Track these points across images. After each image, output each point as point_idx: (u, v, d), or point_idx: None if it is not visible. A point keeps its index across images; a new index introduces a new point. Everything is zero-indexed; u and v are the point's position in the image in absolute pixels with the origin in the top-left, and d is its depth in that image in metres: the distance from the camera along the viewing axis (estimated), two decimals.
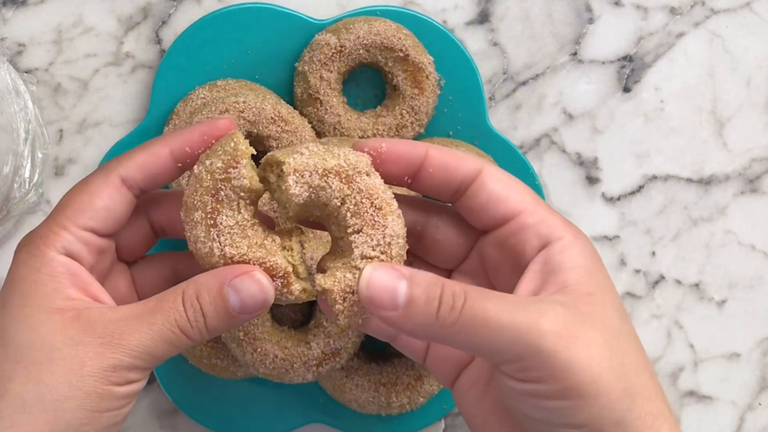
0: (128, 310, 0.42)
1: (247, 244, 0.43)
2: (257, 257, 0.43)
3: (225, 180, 0.42)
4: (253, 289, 0.42)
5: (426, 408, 0.63)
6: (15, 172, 0.60)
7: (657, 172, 0.66)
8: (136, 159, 0.45)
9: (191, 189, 0.43)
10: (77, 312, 0.42)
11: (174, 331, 0.42)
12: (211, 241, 0.43)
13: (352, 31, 0.59)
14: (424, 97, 0.60)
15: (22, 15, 0.63)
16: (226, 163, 0.42)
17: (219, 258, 0.43)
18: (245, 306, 0.42)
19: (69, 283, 0.43)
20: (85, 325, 0.41)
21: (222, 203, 0.43)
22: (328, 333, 0.58)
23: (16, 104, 0.60)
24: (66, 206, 0.44)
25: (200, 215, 0.43)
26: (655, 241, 0.66)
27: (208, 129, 0.45)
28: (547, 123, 0.65)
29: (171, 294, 0.42)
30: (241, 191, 0.43)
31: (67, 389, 0.40)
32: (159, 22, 0.64)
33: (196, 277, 0.43)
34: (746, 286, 0.67)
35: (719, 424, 0.67)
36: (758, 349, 0.67)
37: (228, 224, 0.43)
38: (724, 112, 0.66)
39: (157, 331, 0.41)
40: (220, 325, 0.42)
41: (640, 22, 0.66)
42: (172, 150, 0.45)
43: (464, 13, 0.65)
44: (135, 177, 0.45)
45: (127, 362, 0.41)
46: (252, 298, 0.42)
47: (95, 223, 0.44)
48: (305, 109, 0.60)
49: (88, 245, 0.44)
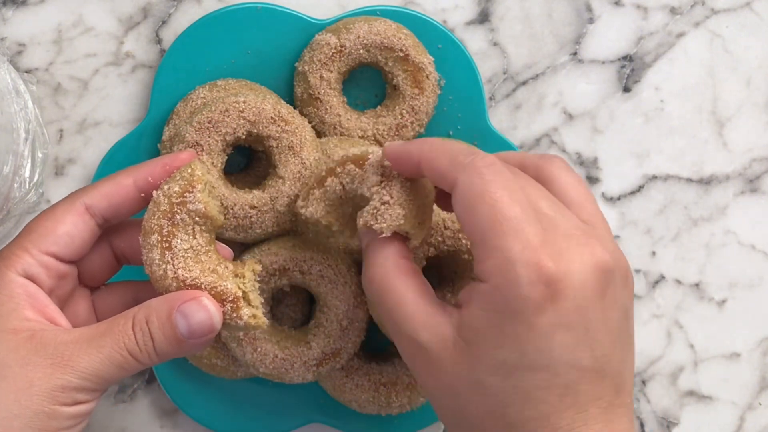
0: (80, 333, 0.43)
1: (200, 268, 0.44)
2: (209, 281, 0.44)
3: (181, 204, 0.44)
4: (201, 315, 0.43)
5: (426, 408, 0.63)
6: (15, 172, 0.60)
7: (657, 172, 0.66)
8: (101, 188, 0.47)
9: (149, 213, 0.45)
10: (31, 333, 0.43)
11: (123, 354, 0.42)
12: (165, 263, 0.44)
13: (352, 31, 0.59)
14: (424, 97, 0.60)
15: (22, 15, 0.63)
16: (182, 188, 0.44)
17: (172, 280, 0.44)
18: (193, 331, 0.43)
19: (26, 305, 0.44)
20: (37, 346, 0.42)
21: (177, 227, 0.44)
22: (328, 333, 0.58)
23: (16, 104, 0.60)
24: (30, 231, 0.46)
25: (156, 238, 0.44)
26: (655, 241, 0.66)
27: (170, 161, 0.47)
28: (547, 123, 0.65)
29: (122, 318, 0.43)
30: (196, 216, 0.44)
31: (16, 407, 0.41)
32: (159, 22, 0.64)
33: (147, 302, 0.44)
34: (746, 286, 0.67)
35: (719, 424, 0.67)
36: (758, 349, 0.67)
37: (182, 248, 0.44)
38: (724, 112, 0.66)
39: (107, 354, 0.42)
40: (169, 349, 0.43)
41: (640, 22, 0.66)
42: (136, 180, 0.47)
43: (464, 13, 0.65)
44: (99, 205, 0.46)
45: (75, 383, 0.42)
46: (200, 324, 0.43)
47: (57, 248, 0.45)
48: (305, 109, 0.60)
49: (48, 269, 0.45)
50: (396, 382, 0.60)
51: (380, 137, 0.61)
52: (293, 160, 0.56)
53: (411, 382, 0.60)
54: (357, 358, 0.61)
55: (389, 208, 0.45)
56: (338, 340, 0.58)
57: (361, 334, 0.58)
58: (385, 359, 0.62)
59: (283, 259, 0.57)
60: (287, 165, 0.56)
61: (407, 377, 0.60)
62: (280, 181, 0.56)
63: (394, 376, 0.60)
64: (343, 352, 0.58)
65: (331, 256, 0.57)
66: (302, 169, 0.56)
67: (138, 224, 0.48)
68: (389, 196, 0.45)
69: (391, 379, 0.60)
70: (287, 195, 0.56)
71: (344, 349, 0.58)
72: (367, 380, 0.60)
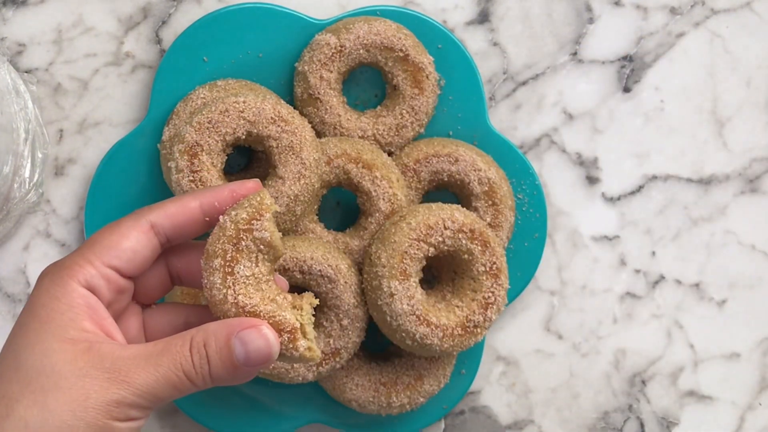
0: (137, 350, 0.43)
1: (260, 296, 0.44)
2: (268, 310, 0.44)
3: (247, 231, 0.44)
4: (260, 343, 0.43)
5: (426, 408, 0.63)
6: (15, 172, 0.60)
7: (657, 172, 0.66)
8: (167, 208, 0.47)
9: (214, 237, 0.45)
10: (89, 344, 0.43)
11: (178, 375, 0.43)
12: (226, 288, 0.44)
13: (352, 31, 0.59)
14: (424, 97, 0.60)
15: (22, 15, 0.63)
16: (250, 215, 0.44)
17: (231, 305, 0.44)
18: (250, 358, 0.43)
19: (85, 316, 0.44)
20: (94, 359, 0.42)
21: (242, 253, 0.44)
22: (328, 333, 0.58)
23: (16, 104, 0.60)
24: (94, 242, 0.46)
25: (219, 262, 0.44)
26: (655, 241, 0.66)
27: (237, 188, 0.47)
28: (547, 123, 0.65)
29: (179, 338, 0.44)
30: (261, 244, 0.44)
31: (70, 418, 0.41)
32: (159, 22, 0.64)
33: (206, 325, 0.44)
34: (746, 286, 0.67)
35: (719, 424, 0.67)
36: (758, 349, 0.67)
37: (244, 274, 0.44)
38: (724, 112, 0.66)
39: (163, 373, 0.42)
40: (224, 374, 0.43)
41: (640, 22, 0.66)
42: (202, 203, 0.46)
43: (464, 13, 0.65)
44: (164, 224, 0.46)
45: (130, 400, 0.42)
46: (257, 352, 0.43)
47: (119, 263, 0.45)
48: (305, 109, 0.60)
49: (109, 282, 0.45)
50: (396, 382, 0.60)
51: (380, 137, 0.61)
52: (293, 160, 0.56)
53: (411, 382, 0.60)
54: (357, 358, 0.61)
55: None
56: (338, 340, 0.58)
57: (361, 334, 0.58)
58: (385, 359, 0.62)
59: (283, 259, 0.57)
60: (287, 165, 0.56)
61: (407, 377, 0.60)
62: (280, 181, 0.56)
63: (394, 376, 0.60)
64: (343, 352, 0.58)
65: (331, 256, 0.57)
66: (302, 169, 0.56)
67: (197, 247, 0.48)
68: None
69: (391, 379, 0.60)
70: (287, 195, 0.56)
71: (344, 349, 0.58)
72: (367, 380, 0.60)
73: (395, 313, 0.56)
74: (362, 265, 0.59)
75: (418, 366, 0.60)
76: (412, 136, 0.61)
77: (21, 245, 0.64)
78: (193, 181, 0.55)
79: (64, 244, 0.64)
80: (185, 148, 0.56)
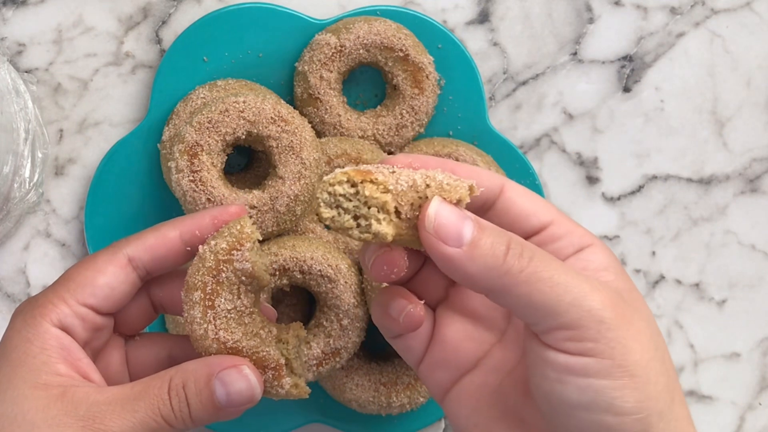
0: (113, 393, 0.41)
1: (243, 331, 0.42)
2: (251, 346, 0.42)
3: (227, 262, 0.42)
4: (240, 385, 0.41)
5: (426, 408, 0.63)
6: (15, 172, 0.60)
7: (657, 172, 0.66)
8: (145, 240, 0.45)
9: (194, 268, 0.43)
10: (63, 389, 0.41)
11: (157, 420, 0.41)
12: (206, 323, 0.42)
13: (352, 31, 0.59)
14: (424, 97, 0.60)
15: (22, 15, 0.63)
16: (230, 245, 0.42)
17: (212, 341, 0.42)
18: (231, 400, 0.41)
19: (59, 358, 0.42)
20: (68, 405, 0.41)
21: (222, 285, 0.42)
22: (328, 333, 0.58)
23: (16, 104, 0.60)
24: (68, 279, 0.44)
25: (199, 296, 0.42)
26: (655, 241, 0.66)
27: (219, 214, 0.45)
28: (547, 123, 0.65)
29: (158, 380, 0.42)
30: (243, 275, 0.42)
31: None
32: (159, 22, 0.64)
33: (184, 365, 0.42)
34: (746, 286, 0.67)
35: (719, 424, 0.67)
36: (758, 349, 0.67)
37: (225, 308, 0.42)
38: (724, 112, 0.66)
39: (140, 419, 0.41)
40: (205, 416, 0.42)
41: (640, 22, 0.66)
42: (182, 233, 0.45)
43: (464, 13, 0.65)
44: (142, 258, 0.45)
45: None
46: (239, 394, 0.41)
47: (95, 300, 0.44)
48: (305, 109, 0.60)
49: (84, 321, 0.43)
50: (396, 382, 0.60)
51: (380, 137, 0.61)
52: (293, 160, 0.56)
53: (411, 382, 0.60)
54: (357, 358, 0.61)
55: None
56: (338, 340, 0.58)
57: (361, 334, 0.58)
58: (385, 359, 0.62)
59: (283, 259, 0.57)
60: (287, 165, 0.56)
61: (407, 377, 0.60)
62: (280, 181, 0.56)
63: (394, 376, 0.60)
64: (343, 352, 0.58)
65: (331, 256, 0.57)
66: (302, 169, 0.56)
67: (179, 275, 0.46)
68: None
69: (391, 379, 0.60)
70: (287, 195, 0.56)
71: (344, 349, 0.58)
72: (367, 380, 0.60)
73: None
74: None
75: None
76: (412, 136, 0.61)
77: (21, 245, 0.64)
78: (193, 181, 0.55)
79: (64, 244, 0.64)
80: (185, 148, 0.56)
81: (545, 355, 0.40)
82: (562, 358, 0.39)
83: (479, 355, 0.46)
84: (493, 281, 0.39)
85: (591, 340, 0.39)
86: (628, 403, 0.39)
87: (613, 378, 0.39)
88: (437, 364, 0.46)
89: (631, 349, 0.39)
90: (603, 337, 0.38)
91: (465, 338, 0.46)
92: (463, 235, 0.39)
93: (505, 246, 0.39)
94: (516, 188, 0.44)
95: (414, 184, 0.40)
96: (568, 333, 0.39)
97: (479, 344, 0.46)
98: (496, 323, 0.46)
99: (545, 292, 0.39)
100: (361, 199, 0.40)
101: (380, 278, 0.43)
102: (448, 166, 0.43)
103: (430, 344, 0.47)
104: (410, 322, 0.46)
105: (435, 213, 0.39)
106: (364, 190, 0.40)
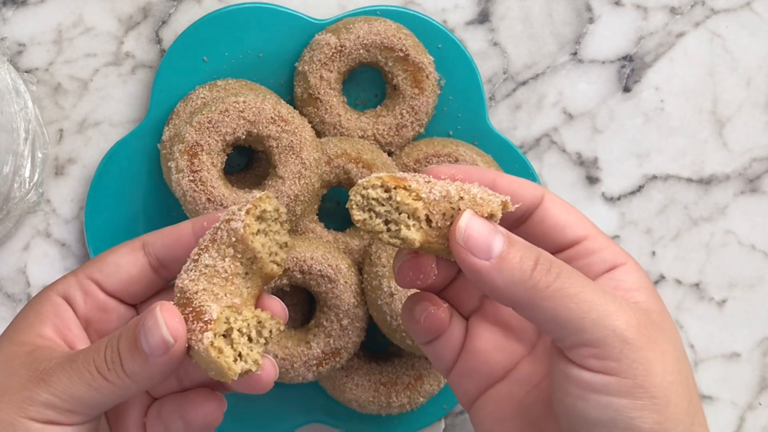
0: (70, 352, 0.42)
1: (204, 286, 0.42)
2: (201, 300, 0.41)
3: (227, 221, 0.42)
4: (151, 323, 0.40)
5: (426, 408, 0.63)
6: (15, 172, 0.60)
7: (657, 172, 0.66)
8: (162, 230, 0.46)
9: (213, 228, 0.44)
10: (34, 347, 0.43)
11: (91, 371, 0.41)
12: (185, 272, 0.43)
13: (352, 30, 0.59)
14: (424, 97, 0.60)
15: (22, 15, 0.63)
16: (240, 208, 0.42)
17: (176, 289, 0.42)
18: (149, 345, 0.40)
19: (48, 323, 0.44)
20: (29, 360, 0.42)
21: (214, 243, 0.42)
22: (328, 333, 0.58)
23: (16, 104, 0.60)
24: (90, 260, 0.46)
25: (195, 251, 0.43)
26: (655, 241, 0.66)
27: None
28: (547, 123, 0.65)
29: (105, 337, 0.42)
30: (234, 236, 0.42)
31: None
32: (159, 22, 0.64)
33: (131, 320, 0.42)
34: (746, 286, 0.67)
35: (719, 424, 0.67)
36: (758, 349, 0.67)
37: (204, 263, 0.42)
38: (724, 112, 0.66)
39: (76, 370, 0.41)
40: (136, 368, 0.40)
41: (640, 22, 0.66)
42: (194, 224, 0.46)
43: (464, 13, 0.65)
44: (155, 243, 0.46)
45: (43, 398, 0.41)
46: (152, 334, 0.40)
47: (100, 275, 0.45)
48: (305, 109, 0.60)
49: (86, 294, 0.45)
50: (396, 382, 0.60)
51: (380, 137, 0.61)
52: (293, 160, 0.56)
53: (411, 382, 0.60)
54: (357, 358, 0.61)
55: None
56: (338, 340, 0.58)
57: (361, 334, 0.58)
58: (385, 359, 0.62)
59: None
60: (287, 165, 0.56)
61: (407, 377, 0.60)
62: (280, 181, 0.56)
63: (394, 376, 0.60)
64: (343, 352, 0.58)
65: (331, 256, 0.57)
66: (302, 169, 0.56)
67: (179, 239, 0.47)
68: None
69: (391, 379, 0.60)
70: (287, 195, 0.56)
71: (344, 349, 0.58)
72: (367, 380, 0.60)
73: (395, 313, 0.56)
74: (362, 265, 0.59)
75: (418, 366, 0.60)
76: (412, 136, 0.61)
77: (21, 245, 0.64)
78: (193, 181, 0.55)
79: (64, 244, 0.64)
80: (185, 148, 0.56)
81: (568, 370, 0.40)
82: (584, 374, 0.40)
83: (509, 366, 0.46)
84: (519, 295, 0.40)
85: (613, 359, 0.39)
86: (647, 424, 0.39)
87: (633, 398, 0.39)
88: (467, 372, 0.47)
89: (653, 371, 0.39)
90: (626, 357, 0.39)
91: (496, 349, 0.46)
92: (492, 248, 0.40)
93: (534, 261, 0.40)
94: (555, 200, 0.44)
95: (447, 195, 0.41)
96: (592, 350, 0.39)
97: (509, 355, 0.46)
98: (527, 336, 0.47)
99: (571, 308, 0.39)
100: (393, 204, 0.41)
101: (405, 283, 0.44)
102: (489, 176, 0.44)
103: (462, 353, 0.47)
104: (431, 323, 0.46)
105: (466, 225, 0.40)
106: (396, 195, 0.41)
